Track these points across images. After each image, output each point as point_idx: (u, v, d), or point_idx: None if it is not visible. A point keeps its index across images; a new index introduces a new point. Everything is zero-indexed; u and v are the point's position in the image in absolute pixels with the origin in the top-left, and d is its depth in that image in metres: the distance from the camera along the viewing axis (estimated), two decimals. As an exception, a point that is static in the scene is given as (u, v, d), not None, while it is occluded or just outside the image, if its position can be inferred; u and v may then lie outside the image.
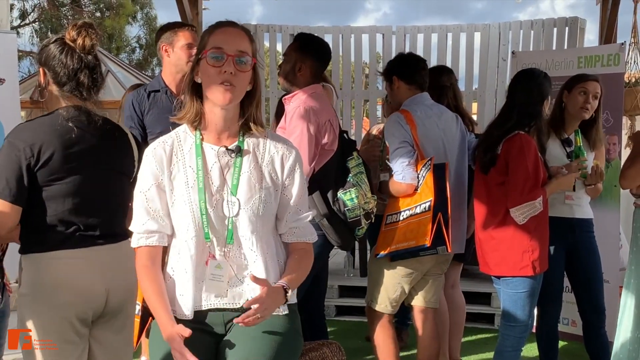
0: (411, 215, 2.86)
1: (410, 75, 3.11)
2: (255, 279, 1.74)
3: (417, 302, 3.11)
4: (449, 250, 2.80)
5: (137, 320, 2.87)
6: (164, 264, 1.88)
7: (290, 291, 1.78)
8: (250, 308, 1.71)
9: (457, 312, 3.61)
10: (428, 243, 2.75)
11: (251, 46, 1.81)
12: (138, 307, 2.92)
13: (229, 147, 1.83)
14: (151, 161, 1.83)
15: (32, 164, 1.93)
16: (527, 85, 2.89)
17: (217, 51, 1.75)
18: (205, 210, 1.78)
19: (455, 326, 3.61)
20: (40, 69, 2.08)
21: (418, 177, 2.86)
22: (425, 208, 2.82)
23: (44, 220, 1.98)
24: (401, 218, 2.90)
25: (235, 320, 1.75)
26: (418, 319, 3.12)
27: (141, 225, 1.84)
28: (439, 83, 3.44)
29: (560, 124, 3.13)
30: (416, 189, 2.87)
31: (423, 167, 2.87)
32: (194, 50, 2.88)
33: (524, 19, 6.63)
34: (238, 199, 1.79)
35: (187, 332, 1.69)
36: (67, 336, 1.99)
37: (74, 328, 2.00)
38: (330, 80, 3.80)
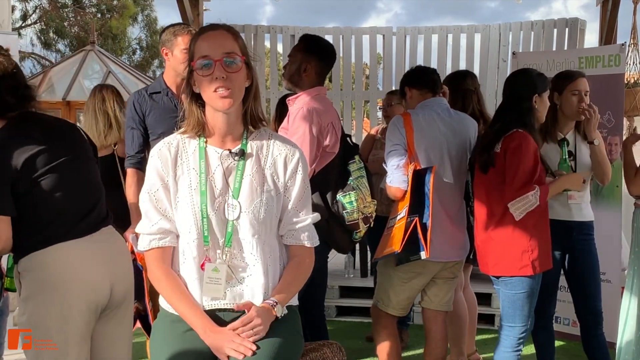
0: (398, 220, 2.86)
1: (418, 79, 3.14)
2: (239, 306, 1.76)
3: (427, 304, 3.10)
4: (427, 256, 2.75)
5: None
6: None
7: (278, 306, 1.79)
8: (242, 312, 1.76)
9: (470, 311, 3.64)
10: (398, 249, 2.75)
11: (237, 43, 1.79)
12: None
13: (233, 150, 1.83)
14: (157, 162, 1.83)
15: (11, 174, 1.93)
16: (516, 82, 2.90)
17: (204, 59, 1.75)
18: (206, 214, 1.78)
19: (469, 325, 3.65)
20: None
21: (407, 181, 2.86)
22: (403, 214, 2.83)
23: (41, 219, 1.99)
24: (395, 222, 2.90)
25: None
26: (427, 321, 3.11)
27: (152, 226, 1.82)
28: (463, 86, 3.43)
29: (555, 126, 3.10)
30: (406, 193, 2.87)
31: (409, 171, 2.87)
32: None
33: (531, 20, 6.62)
34: (239, 203, 1.79)
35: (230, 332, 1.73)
36: (81, 330, 1.99)
37: (87, 321, 2.00)
38: None
